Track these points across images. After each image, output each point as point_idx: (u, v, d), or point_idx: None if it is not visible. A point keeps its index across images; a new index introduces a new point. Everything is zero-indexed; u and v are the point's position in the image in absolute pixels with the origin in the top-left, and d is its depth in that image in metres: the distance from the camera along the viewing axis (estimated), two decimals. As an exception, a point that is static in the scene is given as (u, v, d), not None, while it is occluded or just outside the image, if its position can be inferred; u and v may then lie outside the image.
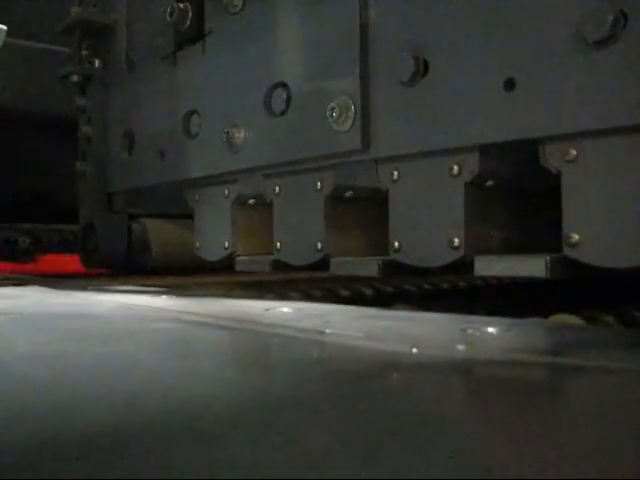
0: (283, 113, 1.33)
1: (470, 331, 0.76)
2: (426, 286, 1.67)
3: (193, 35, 1.57)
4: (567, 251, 0.90)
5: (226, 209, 1.54)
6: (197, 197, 1.65)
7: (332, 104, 1.18)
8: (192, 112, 1.59)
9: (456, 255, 1.04)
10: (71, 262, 2.69)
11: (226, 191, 1.54)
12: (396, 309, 1.23)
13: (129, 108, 1.85)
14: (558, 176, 0.92)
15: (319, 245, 1.29)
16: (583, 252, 0.89)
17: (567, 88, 0.88)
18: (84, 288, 1.48)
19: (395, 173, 1.13)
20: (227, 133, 1.42)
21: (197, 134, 1.57)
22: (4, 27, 1.38)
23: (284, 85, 1.33)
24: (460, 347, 0.68)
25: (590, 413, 0.48)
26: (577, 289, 1.51)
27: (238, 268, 1.51)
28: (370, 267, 1.17)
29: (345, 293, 1.53)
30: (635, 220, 0.83)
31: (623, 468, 0.35)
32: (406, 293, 1.60)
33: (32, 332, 0.85)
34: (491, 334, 0.75)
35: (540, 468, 0.35)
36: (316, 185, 1.30)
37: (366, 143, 1.15)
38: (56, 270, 2.45)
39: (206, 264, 1.68)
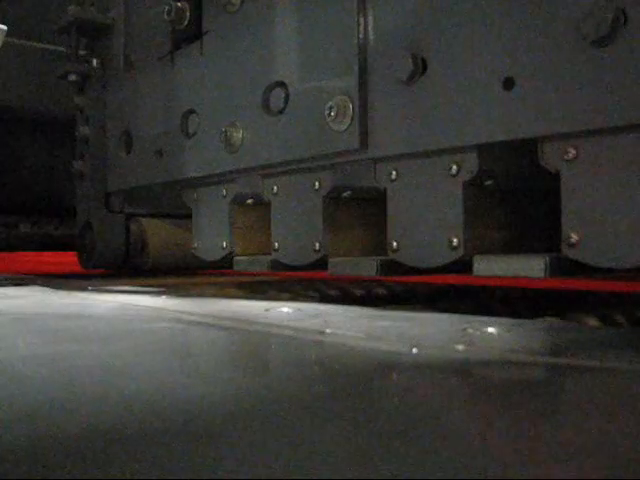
0: (281, 112, 1.32)
1: (470, 331, 0.76)
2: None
3: (191, 34, 1.57)
4: (566, 251, 0.90)
5: (224, 209, 1.54)
6: (195, 197, 1.65)
7: (330, 103, 1.18)
8: (190, 111, 1.59)
9: (455, 255, 1.03)
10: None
11: (224, 191, 1.54)
12: (396, 309, 1.23)
13: (127, 107, 1.85)
14: (557, 175, 0.92)
15: (317, 245, 1.28)
16: (582, 252, 0.89)
17: (566, 87, 0.88)
18: (84, 288, 1.48)
19: (393, 173, 1.13)
20: (225, 132, 1.42)
21: (195, 134, 1.57)
22: (4, 27, 1.38)
23: (282, 84, 1.33)
24: (460, 347, 0.68)
25: (590, 413, 0.48)
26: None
27: (236, 268, 1.50)
28: (368, 267, 1.17)
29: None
30: (635, 220, 0.83)
31: (623, 468, 0.35)
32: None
33: (32, 332, 0.85)
34: (491, 334, 0.75)
35: (540, 468, 0.35)
36: (314, 185, 1.29)
37: (364, 142, 1.15)
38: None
39: (204, 264, 1.68)
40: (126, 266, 2.03)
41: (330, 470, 0.35)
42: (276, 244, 1.38)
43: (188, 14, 1.55)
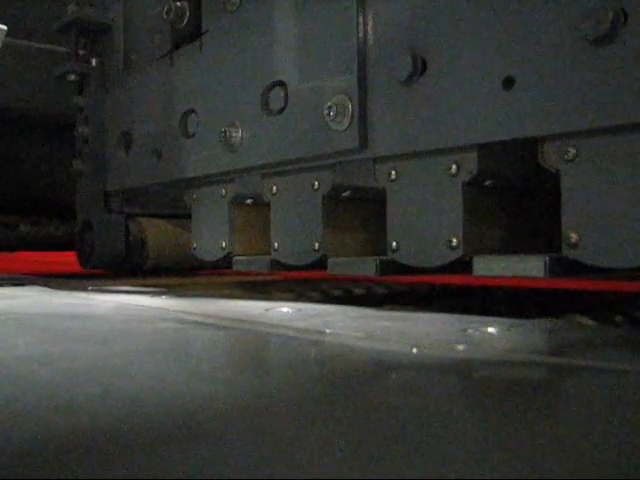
0: (280, 112, 1.32)
1: (470, 331, 0.76)
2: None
3: (190, 34, 1.57)
4: (566, 251, 0.90)
5: (223, 209, 1.54)
6: (194, 197, 1.65)
7: (330, 103, 1.17)
8: (189, 111, 1.59)
9: (454, 255, 1.03)
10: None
11: (223, 191, 1.54)
12: (396, 309, 1.23)
13: (126, 107, 1.85)
14: (557, 175, 0.92)
15: (316, 245, 1.28)
16: (582, 252, 0.89)
17: (566, 86, 0.88)
18: (84, 288, 1.48)
19: (393, 172, 1.13)
20: (224, 132, 1.42)
21: (194, 133, 1.57)
22: (4, 27, 1.38)
23: (282, 84, 1.33)
24: (460, 347, 0.68)
25: (590, 413, 0.48)
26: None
27: (236, 268, 1.50)
28: (368, 267, 1.17)
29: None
30: (635, 220, 0.83)
31: (623, 468, 0.35)
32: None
33: (32, 332, 0.85)
34: (491, 334, 0.75)
35: (540, 468, 0.35)
36: (314, 185, 1.29)
37: (363, 142, 1.15)
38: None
39: (204, 264, 1.68)
40: (126, 266, 2.03)
41: (330, 470, 0.35)
42: (276, 244, 1.38)
43: (187, 13, 1.55)
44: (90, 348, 0.73)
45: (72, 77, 1.95)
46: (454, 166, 1.04)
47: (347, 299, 1.62)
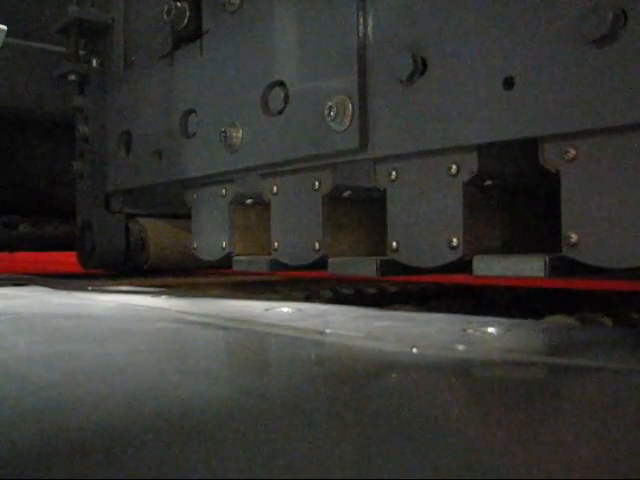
0: (281, 112, 1.32)
1: (470, 331, 0.76)
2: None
3: (190, 34, 1.57)
4: (566, 251, 0.90)
5: (224, 209, 1.54)
6: (195, 197, 1.65)
7: (330, 103, 1.17)
8: (190, 111, 1.59)
9: (454, 255, 1.03)
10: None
11: (224, 191, 1.54)
12: (396, 309, 1.23)
13: (127, 107, 1.85)
14: (557, 175, 0.92)
15: (317, 245, 1.28)
16: (582, 252, 0.89)
17: (567, 86, 0.88)
18: (84, 288, 1.48)
19: (393, 173, 1.13)
20: (224, 132, 1.42)
21: (195, 134, 1.57)
22: (4, 27, 1.38)
23: (282, 84, 1.32)
24: (460, 347, 0.68)
25: (590, 413, 0.48)
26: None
27: (236, 268, 1.50)
28: (368, 267, 1.17)
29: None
30: (635, 220, 0.83)
31: (623, 468, 0.35)
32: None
33: (32, 332, 0.85)
34: (491, 334, 0.75)
35: (540, 468, 0.35)
36: (314, 185, 1.29)
37: (364, 142, 1.15)
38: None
39: (204, 264, 1.68)
40: (126, 266, 2.03)
41: (330, 470, 0.35)
42: (276, 244, 1.38)
43: (188, 14, 1.55)
44: (90, 348, 0.73)
45: (72, 77, 1.95)
46: (454, 166, 1.03)
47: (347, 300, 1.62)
